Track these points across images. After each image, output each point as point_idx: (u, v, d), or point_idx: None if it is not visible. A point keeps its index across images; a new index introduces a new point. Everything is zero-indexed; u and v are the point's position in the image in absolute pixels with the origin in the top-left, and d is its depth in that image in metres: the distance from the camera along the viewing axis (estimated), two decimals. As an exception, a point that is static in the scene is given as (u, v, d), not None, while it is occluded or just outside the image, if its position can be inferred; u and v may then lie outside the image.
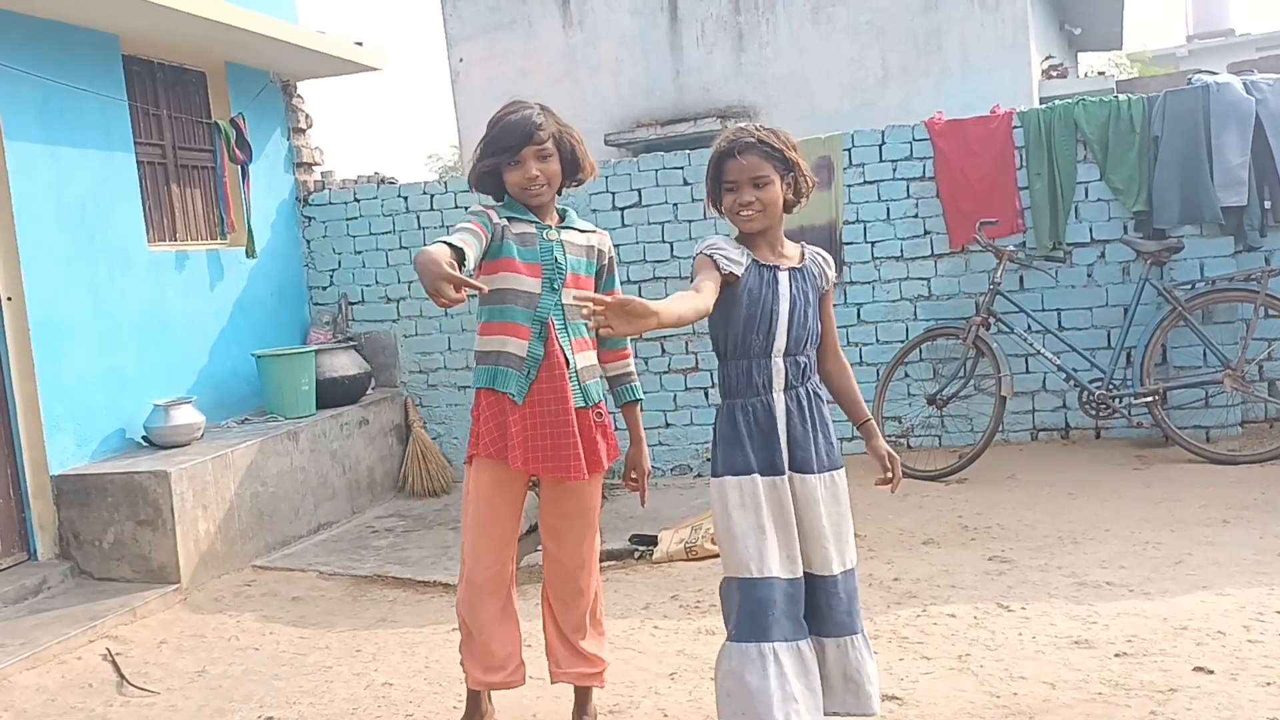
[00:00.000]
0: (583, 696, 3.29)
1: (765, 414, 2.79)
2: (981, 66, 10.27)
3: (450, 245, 2.68)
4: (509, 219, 3.02)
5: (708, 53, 11.18)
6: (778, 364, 2.82)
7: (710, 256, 2.76)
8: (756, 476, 2.74)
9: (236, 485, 5.52)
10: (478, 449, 3.05)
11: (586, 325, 3.01)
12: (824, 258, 2.94)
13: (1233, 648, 3.47)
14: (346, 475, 6.51)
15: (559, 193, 3.10)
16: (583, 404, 3.04)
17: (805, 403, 2.84)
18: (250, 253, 6.74)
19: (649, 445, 3.21)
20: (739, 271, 2.75)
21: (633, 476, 3.20)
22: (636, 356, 6.94)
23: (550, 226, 3.05)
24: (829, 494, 2.81)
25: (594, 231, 3.15)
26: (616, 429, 3.17)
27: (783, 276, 2.83)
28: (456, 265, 2.63)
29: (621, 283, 7.14)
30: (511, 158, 2.95)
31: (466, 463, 3.12)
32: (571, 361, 3.02)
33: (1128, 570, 4.29)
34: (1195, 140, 6.03)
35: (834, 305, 3.03)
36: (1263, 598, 3.86)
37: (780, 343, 2.82)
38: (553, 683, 3.27)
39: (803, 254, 2.91)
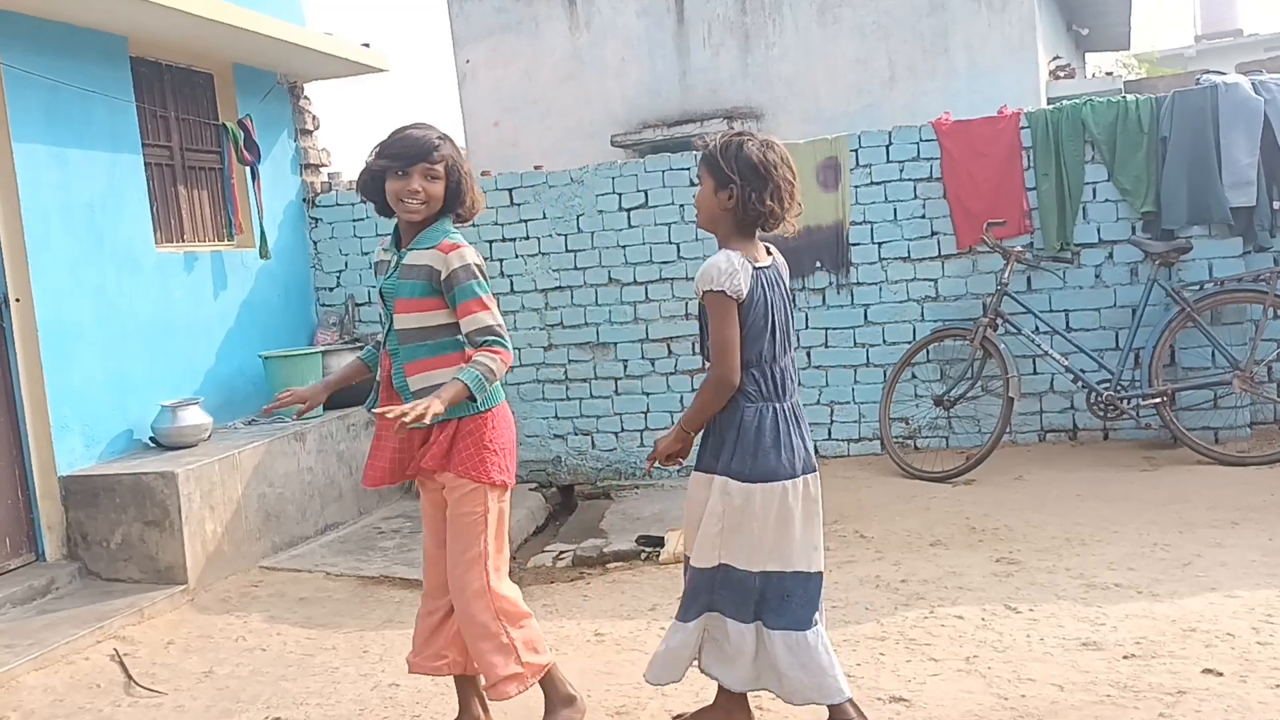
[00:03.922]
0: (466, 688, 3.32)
1: (795, 416, 3.01)
2: (988, 67, 10.24)
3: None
4: (386, 249, 3.18)
5: (714, 54, 11.16)
6: (787, 368, 3.04)
7: (728, 293, 2.90)
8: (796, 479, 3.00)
9: (243, 486, 5.53)
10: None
11: (429, 347, 3.06)
12: (774, 249, 3.12)
13: (1242, 650, 3.46)
14: (353, 476, 6.51)
15: (436, 220, 3.11)
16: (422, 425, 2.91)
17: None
18: (264, 254, 6.75)
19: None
20: (746, 289, 2.91)
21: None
22: (644, 358, 6.97)
23: (401, 251, 3.12)
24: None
25: (437, 246, 3.04)
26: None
27: (771, 275, 3.01)
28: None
29: (627, 284, 7.21)
30: (401, 168, 3.03)
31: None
32: (405, 384, 3.08)
33: (1136, 572, 4.27)
34: (1204, 140, 6.01)
35: (840, 306, 3.25)
36: (1272, 600, 3.84)
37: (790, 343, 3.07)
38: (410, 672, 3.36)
39: (768, 249, 3.08)
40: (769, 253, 3.06)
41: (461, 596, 3.12)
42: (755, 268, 2.94)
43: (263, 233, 6.75)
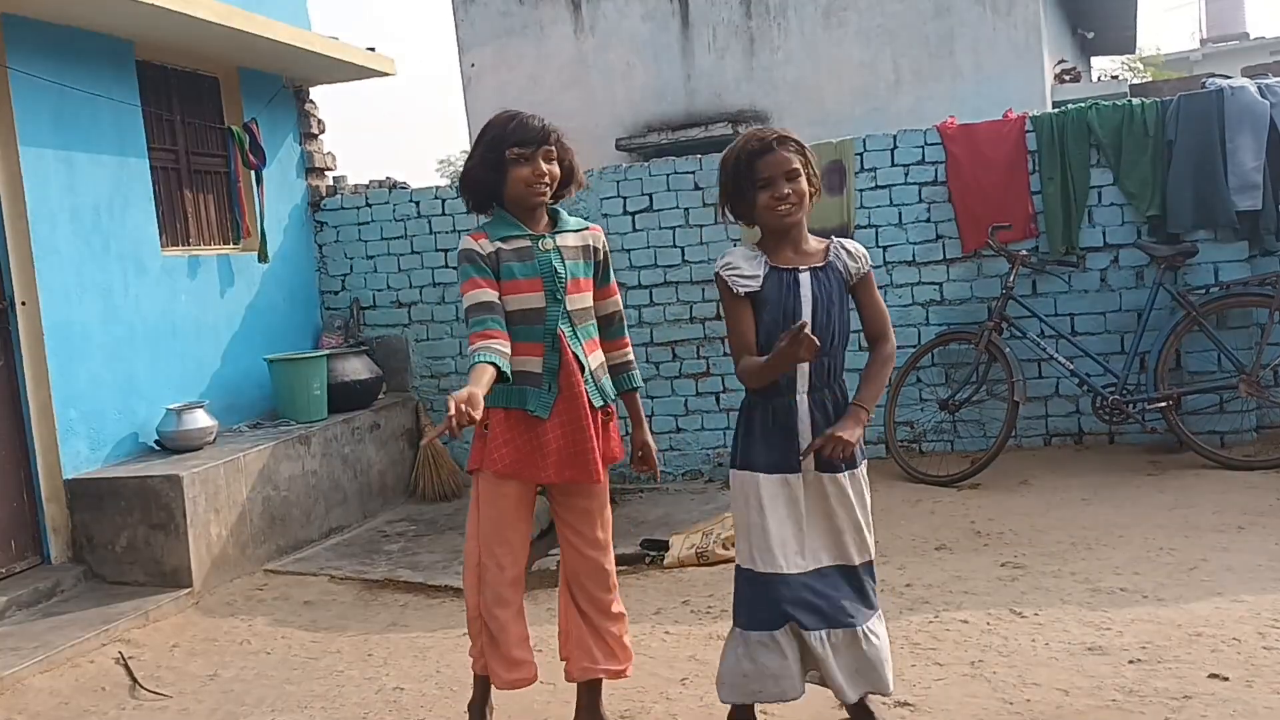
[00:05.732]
0: (595, 693, 3.26)
1: (786, 414, 2.85)
2: (994, 71, 10.24)
3: (495, 365, 2.83)
4: (502, 239, 3.05)
5: (719, 57, 11.18)
6: (801, 367, 2.84)
7: (727, 282, 2.85)
8: (762, 475, 2.86)
9: (248, 489, 5.54)
10: (491, 464, 3.05)
11: (593, 326, 3.15)
12: (849, 249, 2.97)
13: (1248, 654, 3.45)
14: (358, 479, 6.52)
15: (553, 200, 3.17)
16: (601, 402, 3.13)
17: (831, 407, 2.89)
18: (263, 257, 6.76)
19: (660, 450, 3.26)
20: (755, 287, 2.84)
21: (639, 454, 3.29)
22: (648, 361, 6.97)
23: (544, 235, 3.09)
24: (853, 490, 2.94)
25: (587, 228, 3.20)
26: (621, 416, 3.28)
27: (804, 278, 2.88)
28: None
29: (632, 288, 7.22)
30: (527, 153, 3.03)
31: (471, 472, 3.14)
32: (585, 365, 3.09)
33: (1141, 576, 4.26)
34: (1210, 144, 5.99)
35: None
36: (1278, 604, 3.83)
37: None
38: (571, 680, 3.23)
39: (827, 250, 2.94)
40: (828, 252, 2.92)
41: (612, 573, 3.21)
42: (773, 266, 2.86)
43: (263, 236, 6.76)
